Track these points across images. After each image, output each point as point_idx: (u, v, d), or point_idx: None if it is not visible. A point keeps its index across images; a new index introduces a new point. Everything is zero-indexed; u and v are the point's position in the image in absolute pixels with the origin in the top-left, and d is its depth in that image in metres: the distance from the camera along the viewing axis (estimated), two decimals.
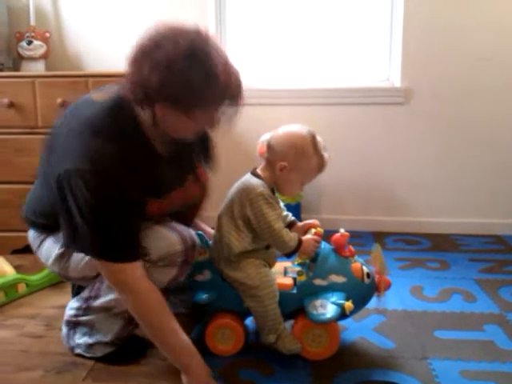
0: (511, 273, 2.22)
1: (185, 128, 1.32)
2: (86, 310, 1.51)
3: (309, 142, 1.51)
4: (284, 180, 1.53)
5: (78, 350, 1.54)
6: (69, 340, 1.56)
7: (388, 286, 1.55)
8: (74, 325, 1.55)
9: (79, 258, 1.43)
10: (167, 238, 1.40)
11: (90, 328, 1.51)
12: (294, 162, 1.49)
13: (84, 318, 1.51)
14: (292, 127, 1.54)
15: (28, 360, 1.56)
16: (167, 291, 1.45)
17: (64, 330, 1.58)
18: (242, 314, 1.56)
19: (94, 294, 1.49)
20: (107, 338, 1.50)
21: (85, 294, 1.52)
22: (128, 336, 1.54)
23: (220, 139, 2.84)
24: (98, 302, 1.48)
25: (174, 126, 1.30)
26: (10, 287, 1.93)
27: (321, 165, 1.54)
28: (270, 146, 1.54)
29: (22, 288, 1.98)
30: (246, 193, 1.49)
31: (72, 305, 1.56)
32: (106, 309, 1.47)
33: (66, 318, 1.57)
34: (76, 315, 1.53)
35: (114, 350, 1.52)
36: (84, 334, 1.53)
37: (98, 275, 1.45)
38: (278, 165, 1.50)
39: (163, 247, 1.38)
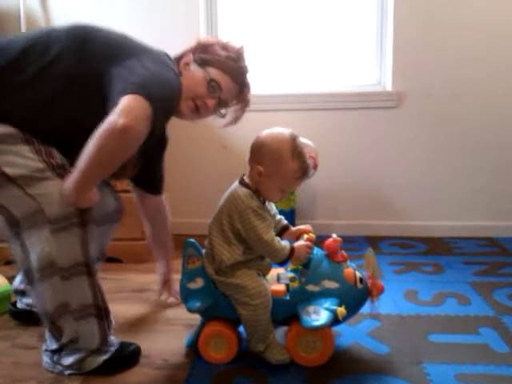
0: (506, 275, 2.22)
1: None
2: (56, 326, 1.47)
3: (286, 146, 1.46)
4: (262, 185, 1.50)
5: (69, 371, 1.50)
6: (55, 366, 1.51)
7: (381, 290, 1.54)
8: (58, 351, 1.51)
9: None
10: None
11: (72, 342, 1.48)
12: (270, 166, 1.46)
13: (65, 339, 1.48)
14: (273, 130, 1.51)
15: (21, 372, 1.54)
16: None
17: (45, 358, 1.54)
18: (235, 321, 1.55)
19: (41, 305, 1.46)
20: (95, 344, 1.48)
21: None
22: (112, 340, 1.53)
23: (214, 145, 2.87)
24: (49, 306, 1.43)
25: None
26: (2, 299, 1.92)
27: (301, 171, 1.49)
28: (250, 151, 1.52)
29: (14, 299, 1.97)
30: (234, 205, 1.48)
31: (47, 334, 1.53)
32: (62, 306, 1.43)
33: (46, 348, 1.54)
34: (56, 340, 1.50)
35: (106, 358, 1.50)
36: (71, 353, 1.49)
37: None
38: (255, 169, 1.48)
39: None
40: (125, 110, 1.24)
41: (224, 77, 1.55)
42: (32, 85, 1.36)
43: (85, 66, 1.39)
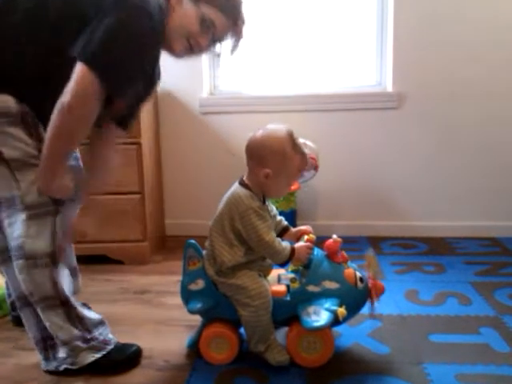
0: (507, 275, 2.22)
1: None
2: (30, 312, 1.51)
3: (287, 144, 1.48)
4: (271, 186, 1.51)
5: (64, 366, 1.52)
6: (50, 363, 1.53)
7: (382, 291, 1.55)
8: (51, 346, 1.53)
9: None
10: None
11: (55, 336, 1.50)
12: (277, 166, 1.48)
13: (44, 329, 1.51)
14: (268, 130, 1.52)
15: (23, 373, 1.55)
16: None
17: (42, 359, 1.55)
18: (236, 322, 1.56)
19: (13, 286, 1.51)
20: (73, 333, 1.48)
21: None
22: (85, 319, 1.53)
23: (211, 147, 2.88)
24: (23, 289, 1.46)
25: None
26: (4, 300, 1.92)
27: (303, 162, 1.53)
28: (248, 153, 1.53)
29: None
30: (235, 206, 1.49)
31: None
32: (29, 295, 1.46)
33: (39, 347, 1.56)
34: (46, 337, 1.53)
35: (101, 356, 1.51)
36: (61, 346, 1.51)
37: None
38: (262, 172, 1.48)
39: None
40: (72, 89, 1.27)
41: (218, 14, 1.48)
42: (24, 23, 1.34)
43: (71, 8, 1.36)
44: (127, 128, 1.70)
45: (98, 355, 1.51)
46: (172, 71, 2.74)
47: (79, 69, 1.28)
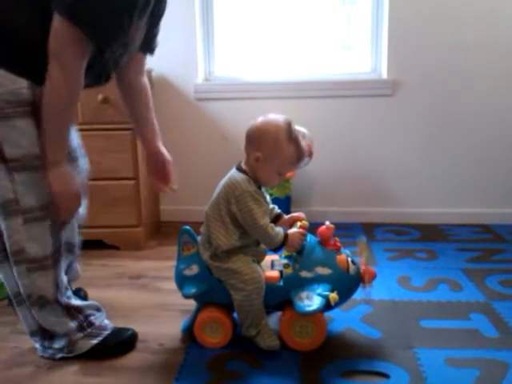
0: (498, 262, 2.25)
1: None
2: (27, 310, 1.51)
3: (283, 131, 1.49)
4: (260, 171, 1.53)
5: (60, 355, 1.53)
6: (45, 350, 1.55)
7: (373, 276, 1.57)
8: (47, 337, 1.54)
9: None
10: None
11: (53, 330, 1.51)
12: (268, 152, 1.49)
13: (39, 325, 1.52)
14: (268, 117, 1.53)
15: (19, 356, 1.57)
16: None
17: (36, 345, 1.56)
18: (230, 307, 1.58)
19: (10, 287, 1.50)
20: (74, 323, 1.50)
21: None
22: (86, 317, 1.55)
23: (206, 133, 2.88)
24: (18, 290, 1.47)
25: None
26: (2, 284, 1.94)
27: (297, 154, 1.53)
28: (247, 139, 1.54)
29: None
30: (231, 190, 1.50)
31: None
32: (18, 296, 1.48)
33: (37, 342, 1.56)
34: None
35: (97, 342, 1.53)
36: (60, 337, 1.52)
37: None
38: (253, 155, 1.51)
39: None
40: (57, 47, 1.21)
41: None
42: None
43: None
44: (154, 50, 1.61)
45: (94, 341, 1.53)
46: (167, 57, 2.76)
47: (59, 23, 1.19)
